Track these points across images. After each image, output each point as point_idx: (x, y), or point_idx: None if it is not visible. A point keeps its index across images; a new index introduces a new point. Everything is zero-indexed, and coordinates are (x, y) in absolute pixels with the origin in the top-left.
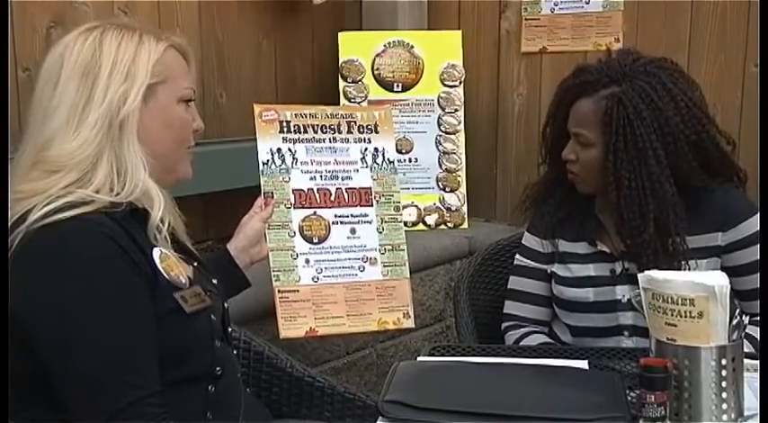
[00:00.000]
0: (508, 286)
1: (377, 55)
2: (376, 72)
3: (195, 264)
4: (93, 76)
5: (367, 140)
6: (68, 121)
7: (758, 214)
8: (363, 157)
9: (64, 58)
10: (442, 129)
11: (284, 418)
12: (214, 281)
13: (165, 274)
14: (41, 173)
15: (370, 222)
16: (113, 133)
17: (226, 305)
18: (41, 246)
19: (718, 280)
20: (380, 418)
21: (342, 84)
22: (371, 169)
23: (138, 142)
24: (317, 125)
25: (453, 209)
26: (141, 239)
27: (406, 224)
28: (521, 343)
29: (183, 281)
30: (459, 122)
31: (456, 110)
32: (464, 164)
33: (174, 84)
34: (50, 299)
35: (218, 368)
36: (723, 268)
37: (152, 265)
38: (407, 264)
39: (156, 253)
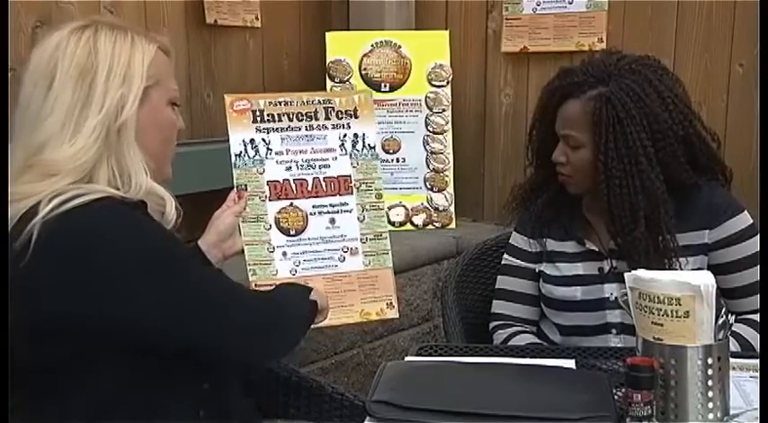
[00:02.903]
0: (496, 286)
1: (364, 55)
2: (363, 72)
3: None
4: (90, 80)
5: (346, 126)
6: (64, 126)
7: (744, 212)
8: (342, 144)
9: (57, 59)
10: (430, 129)
11: (272, 419)
12: None
13: None
14: (36, 176)
15: (350, 211)
16: (112, 139)
17: None
18: (78, 227)
19: (705, 279)
20: (368, 418)
21: (329, 84)
22: (351, 156)
23: (137, 146)
24: (293, 113)
25: (441, 209)
26: None
27: (393, 224)
28: (509, 342)
29: None
30: (447, 122)
31: (443, 110)
32: (452, 164)
33: (164, 86)
34: (139, 258)
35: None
36: (709, 266)
37: None
38: (390, 252)
39: None
